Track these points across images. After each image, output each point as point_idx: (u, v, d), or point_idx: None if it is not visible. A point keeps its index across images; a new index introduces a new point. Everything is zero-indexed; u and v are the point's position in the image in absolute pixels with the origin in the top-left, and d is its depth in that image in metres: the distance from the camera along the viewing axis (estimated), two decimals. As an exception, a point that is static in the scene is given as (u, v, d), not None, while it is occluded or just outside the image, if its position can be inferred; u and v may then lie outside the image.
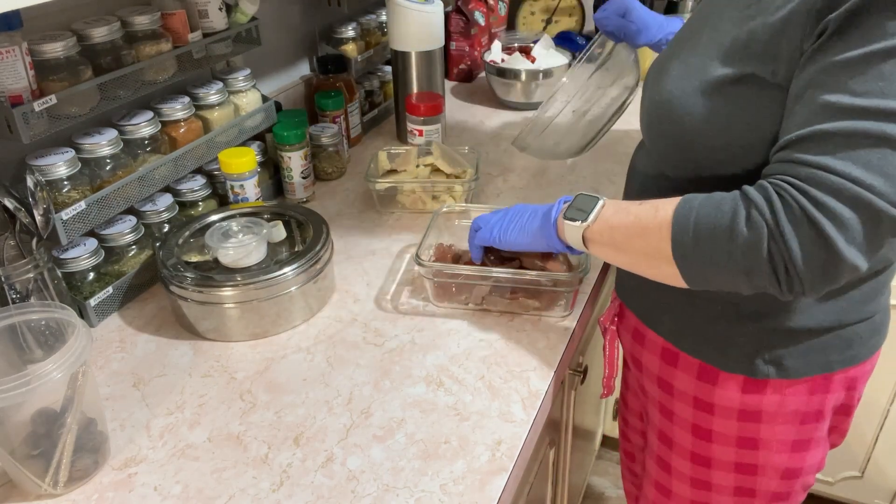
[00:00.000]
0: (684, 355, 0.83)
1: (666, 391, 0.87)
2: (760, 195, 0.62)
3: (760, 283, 0.63)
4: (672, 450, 0.89)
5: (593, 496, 1.82)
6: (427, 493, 0.70)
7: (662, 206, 0.69)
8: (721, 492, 0.87)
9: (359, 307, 0.98)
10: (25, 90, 0.84)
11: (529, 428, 0.78)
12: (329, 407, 0.81)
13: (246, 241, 0.93)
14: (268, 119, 1.21)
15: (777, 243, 0.60)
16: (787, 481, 0.84)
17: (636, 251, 0.72)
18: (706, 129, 0.70)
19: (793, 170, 0.61)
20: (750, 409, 0.80)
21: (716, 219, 0.64)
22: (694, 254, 0.66)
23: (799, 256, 0.60)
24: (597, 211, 0.76)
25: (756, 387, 0.78)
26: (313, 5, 1.48)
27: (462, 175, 1.20)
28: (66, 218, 0.88)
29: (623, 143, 1.42)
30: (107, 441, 0.75)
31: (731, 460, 0.84)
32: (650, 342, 0.88)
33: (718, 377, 0.80)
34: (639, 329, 0.90)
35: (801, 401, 0.79)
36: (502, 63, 1.67)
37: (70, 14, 0.95)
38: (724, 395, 0.80)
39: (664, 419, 0.89)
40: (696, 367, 0.82)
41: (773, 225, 0.60)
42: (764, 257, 0.61)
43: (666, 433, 0.89)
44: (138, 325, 0.96)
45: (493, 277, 0.93)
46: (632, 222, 0.72)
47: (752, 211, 0.62)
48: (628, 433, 1.14)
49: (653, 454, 0.94)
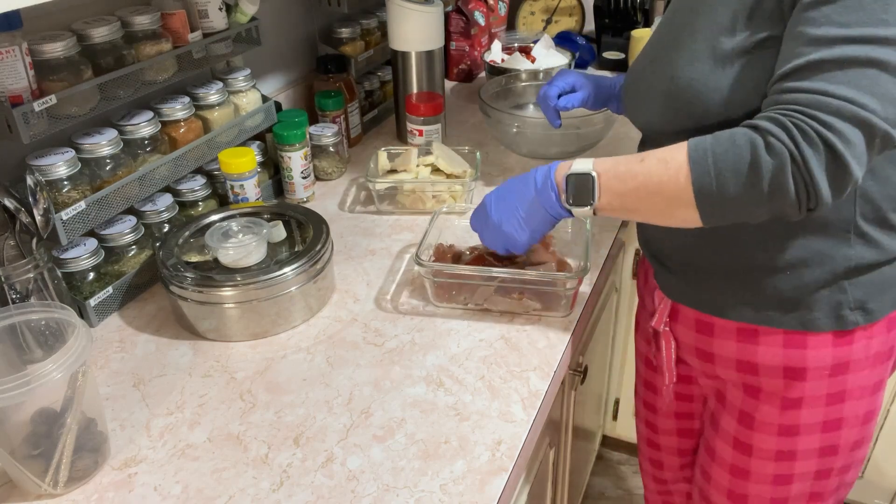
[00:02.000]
0: (764, 329, 0.82)
1: (750, 371, 0.85)
2: (773, 124, 0.65)
3: (778, 208, 0.67)
4: (754, 429, 0.87)
5: (593, 496, 1.82)
6: (427, 493, 0.70)
7: (671, 157, 0.71)
8: (807, 457, 0.85)
9: (359, 307, 0.98)
10: (25, 90, 0.84)
11: (529, 428, 0.78)
12: (329, 407, 0.81)
13: (246, 241, 0.93)
14: (268, 119, 1.21)
15: (798, 166, 0.64)
16: (866, 426, 0.85)
17: (650, 207, 0.74)
18: (735, 96, 0.73)
19: (794, 98, 0.66)
20: (841, 361, 0.80)
21: (735, 154, 0.67)
22: (718, 193, 0.68)
23: (818, 175, 0.64)
24: (598, 188, 0.76)
25: (846, 338, 0.79)
26: (313, 5, 1.48)
27: (462, 175, 1.20)
28: (66, 218, 0.88)
29: (623, 142, 1.42)
30: (107, 441, 0.75)
31: (819, 421, 0.83)
32: (721, 329, 0.86)
33: (807, 340, 0.80)
34: (702, 320, 0.88)
35: (882, 340, 0.81)
36: (502, 63, 1.67)
37: (70, 14, 0.95)
38: (817, 356, 0.80)
39: (749, 398, 0.87)
40: (781, 337, 0.81)
41: (793, 149, 0.64)
42: (789, 181, 0.65)
43: (748, 412, 0.87)
44: (138, 325, 0.96)
45: (492, 277, 0.93)
46: (641, 183, 0.73)
47: (770, 139, 0.65)
48: (659, 440, 1.11)
49: (728, 438, 0.91)
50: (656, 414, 1.10)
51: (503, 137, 1.37)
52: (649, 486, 1.20)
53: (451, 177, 1.20)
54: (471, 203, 1.17)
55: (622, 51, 1.79)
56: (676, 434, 1.09)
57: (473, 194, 1.20)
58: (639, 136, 0.92)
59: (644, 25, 1.80)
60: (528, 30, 2.01)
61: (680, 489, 1.16)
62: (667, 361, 0.96)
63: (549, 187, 0.80)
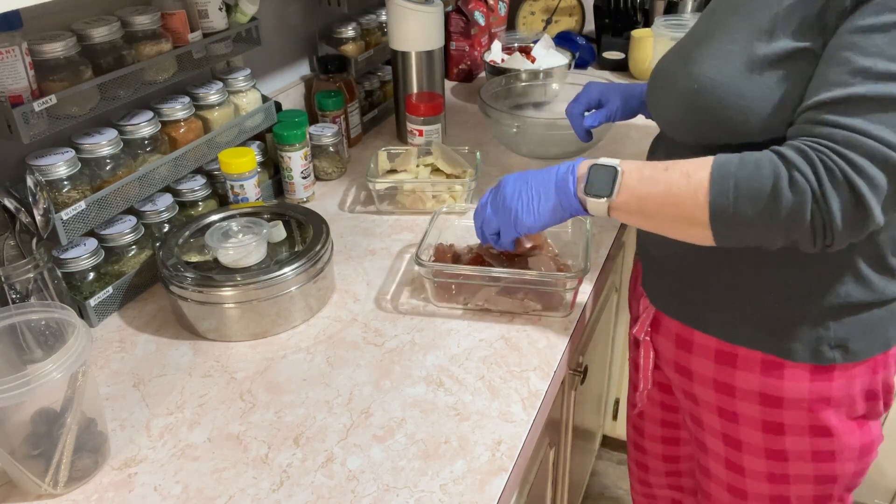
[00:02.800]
0: (743, 352, 0.81)
1: (726, 393, 0.84)
2: (801, 158, 0.64)
3: (795, 239, 0.66)
4: (742, 450, 0.86)
5: (593, 496, 1.82)
6: (427, 493, 0.70)
7: (694, 172, 0.69)
8: (801, 481, 0.85)
9: (359, 307, 0.98)
10: (25, 90, 0.84)
11: (529, 428, 0.78)
12: (329, 407, 0.81)
13: (246, 241, 0.93)
14: (268, 119, 1.21)
15: (819, 205, 0.63)
16: (865, 459, 0.84)
17: (666, 217, 0.73)
18: (759, 107, 0.70)
19: (828, 132, 0.63)
20: (820, 396, 0.79)
21: (757, 182, 0.65)
22: (734, 218, 0.67)
23: (838, 217, 0.63)
24: (619, 183, 0.74)
25: (823, 374, 0.78)
26: (313, 5, 1.48)
27: (462, 175, 1.20)
28: (66, 218, 0.88)
29: (623, 143, 1.42)
30: (107, 441, 0.75)
31: (808, 450, 0.82)
32: (699, 346, 0.85)
33: (784, 369, 0.79)
34: (682, 335, 0.87)
35: (866, 381, 0.79)
36: (502, 63, 1.67)
37: (70, 14, 0.95)
38: (794, 388, 0.79)
39: (726, 422, 0.86)
40: (759, 361, 0.80)
41: (816, 188, 0.63)
42: (807, 218, 0.64)
43: (732, 435, 0.87)
44: (138, 325, 0.96)
45: (492, 277, 0.93)
46: (662, 191, 0.71)
47: (795, 174, 0.64)
48: (645, 445, 1.11)
49: (719, 459, 0.90)
50: (642, 419, 1.10)
51: (503, 137, 1.37)
52: (636, 488, 1.21)
53: (451, 177, 1.20)
54: (471, 203, 1.17)
55: (622, 51, 1.79)
56: (661, 441, 1.09)
57: (473, 194, 1.20)
58: (638, 136, 0.92)
59: (644, 25, 1.80)
60: (528, 30, 2.01)
61: (665, 495, 1.16)
62: (643, 370, 0.96)
63: (570, 174, 0.78)
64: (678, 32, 1.51)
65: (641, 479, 1.17)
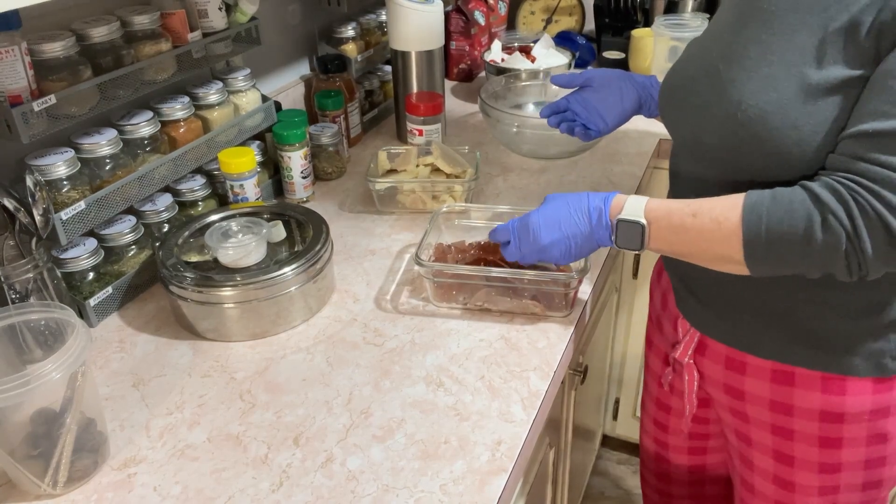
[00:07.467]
0: (801, 371, 0.80)
1: (782, 412, 0.83)
2: (835, 199, 0.64)
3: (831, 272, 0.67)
4: (794, 466, 0.85)
5: (593, 496, 1.82)
6: (427, 494, 0.70)
7: (724, 216, 0.69)
8: (850, 490, 0.85)
9: (359, 307, 0.98)
10: (25, 90, 0.83)
11: (529, 428, 0.78)
12: (329, 407, 0.81)
13: (246, 241, 0.92)
14: (268, 119, 1.21)
15: (853, 244, 0.64)
16: None
17: (698, 257, 0.75)
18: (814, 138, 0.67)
19: (866, 170, 0.63)
20: (881, 406, 0.79)
21: (790, 225, 0.66)
22: (767, 258, 0.68)
23: (871, 256, 0.64)
24: (648, 236, 0.76)
25: (885, 384, 0.78)
26: (313, 5, 1.48)
27: (462, 175, 1.20)
28: (65, 218, 0.88)
29: (623, 142, 1.41)
30: (106, 441, 0.75)
31: (861, 459, 0.82)
32: (753, 367, 0.83)
33: (846, 384, 0.78)
34: (733, 357, 0.85)
35: None
36: (502, 63, 1.66)
37: (70, 14, 0.95)
38: (856, 402, 0.79)
39: (780, 439, 0.85)
40: (819, 379, 0.79)
41: (850, 231, 0.63)
42: (842, 256, 0.65)
43: (785, 452, 0.85)
44: (138, 325, 0.96)
45: (493, 277, 0.93)
46: (693, 238, 0.72)
47: (829, 216, 0.64)
48: (669, 456, 1.10)
49: (766, 475, 0.89)
50: (667, 433, 1.08)
51: (503, 137, 1.37)
52: (651, 497, 1.19)
53: (451, 177, 1.20)
54: (470, 203, 1.17)
55: (622, 50, 1.79)
56: (687, 452, 1.08)
57: (473, 194, 1.20)
58: (638, 136, 0.92)
59: (644, 25, 1.80)
60: (528, 29, 2.01)
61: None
62: (688, 395, 0.94)
63: (604, 226, 0.80)
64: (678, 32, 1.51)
65: (661, 490, 1.15)
